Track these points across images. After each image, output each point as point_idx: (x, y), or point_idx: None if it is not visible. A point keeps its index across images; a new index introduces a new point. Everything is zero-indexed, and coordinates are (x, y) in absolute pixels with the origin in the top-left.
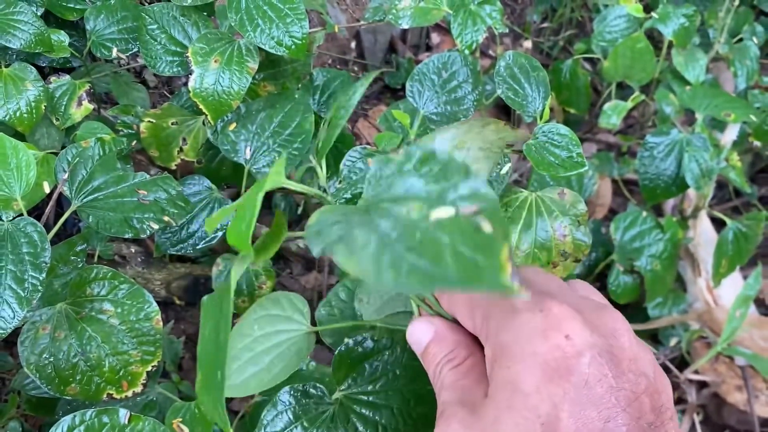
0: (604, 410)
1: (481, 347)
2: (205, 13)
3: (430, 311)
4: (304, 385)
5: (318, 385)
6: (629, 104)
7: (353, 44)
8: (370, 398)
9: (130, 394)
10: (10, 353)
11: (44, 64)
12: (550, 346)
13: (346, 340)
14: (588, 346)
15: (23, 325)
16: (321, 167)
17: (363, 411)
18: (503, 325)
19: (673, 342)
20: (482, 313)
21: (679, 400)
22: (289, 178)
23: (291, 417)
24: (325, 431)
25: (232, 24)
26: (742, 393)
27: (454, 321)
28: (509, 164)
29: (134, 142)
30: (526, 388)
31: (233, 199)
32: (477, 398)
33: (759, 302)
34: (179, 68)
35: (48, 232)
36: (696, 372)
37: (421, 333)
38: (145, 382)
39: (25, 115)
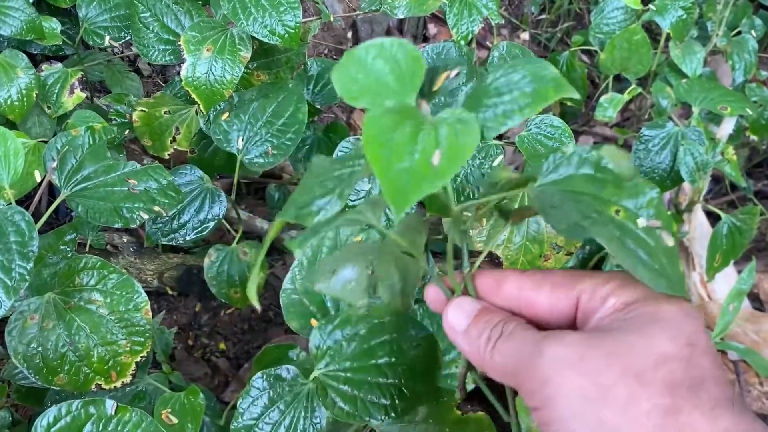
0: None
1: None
2: (199, 2)
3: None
4: (275, 369)
5: (289, 367)
6: (626, 97)
7: (349, 34)
8: (348, 374)
9: (119, 384)
10: (0, 343)
11: (36, 52)
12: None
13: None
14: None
15: (11, 314)
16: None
17: (342, 387)
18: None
19: None
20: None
21: None
22: (282, 169)
23: (267, 401)
24: (303, 411)
25: (225, 12)
26: (735, 388)
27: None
28: (501, 156)
29: (127, 131)
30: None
31: (226, 190)
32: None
33: (752, 297)
34: (172, 57)
35: (40, 221)
36: None
37: (465, 308)
38: (134, 372)
39: (16, 103)
